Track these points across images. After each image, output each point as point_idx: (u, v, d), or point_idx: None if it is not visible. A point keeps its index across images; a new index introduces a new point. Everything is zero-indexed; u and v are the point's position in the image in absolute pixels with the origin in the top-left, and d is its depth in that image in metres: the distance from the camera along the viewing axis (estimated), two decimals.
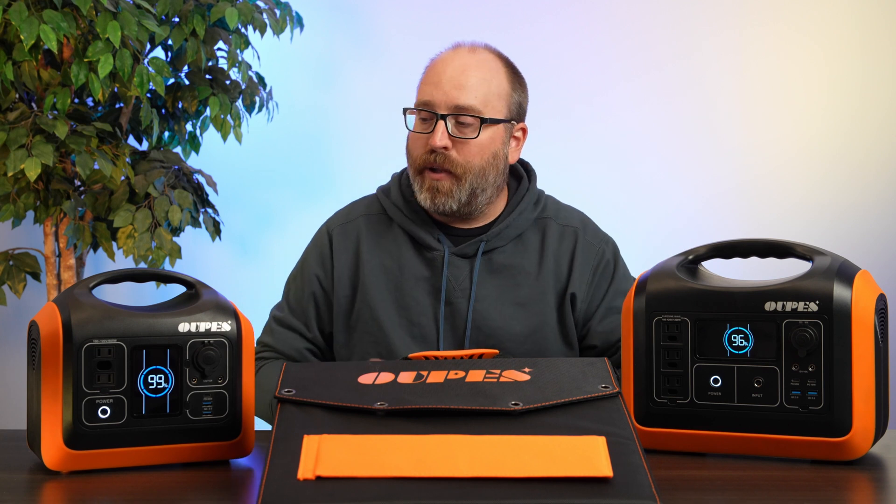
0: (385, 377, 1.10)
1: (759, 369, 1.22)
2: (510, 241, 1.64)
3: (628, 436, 1.01)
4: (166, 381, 1.20)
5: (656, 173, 3.04)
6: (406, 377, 1.10)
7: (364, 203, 1.74)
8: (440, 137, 1.57)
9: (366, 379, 1.10)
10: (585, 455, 0.96)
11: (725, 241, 1.37)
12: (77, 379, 1.16)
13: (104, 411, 1.18)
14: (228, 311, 1.25)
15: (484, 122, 1.58)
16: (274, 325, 1.70)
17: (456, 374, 1.10)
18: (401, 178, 1.71)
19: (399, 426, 1.03)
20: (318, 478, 0.94)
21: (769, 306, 1.22)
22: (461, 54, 1.62)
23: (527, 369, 1.11)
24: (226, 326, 1.23)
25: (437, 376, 1.10)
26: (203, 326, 1.22)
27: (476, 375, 1.10)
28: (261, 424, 1.30)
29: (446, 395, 1.06)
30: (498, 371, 1.10)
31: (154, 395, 1.20)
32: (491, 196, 1.63)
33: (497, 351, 1.23)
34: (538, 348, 1.62)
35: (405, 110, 1.62)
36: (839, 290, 1.20)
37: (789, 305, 1.21)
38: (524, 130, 1.69)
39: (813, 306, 1.20)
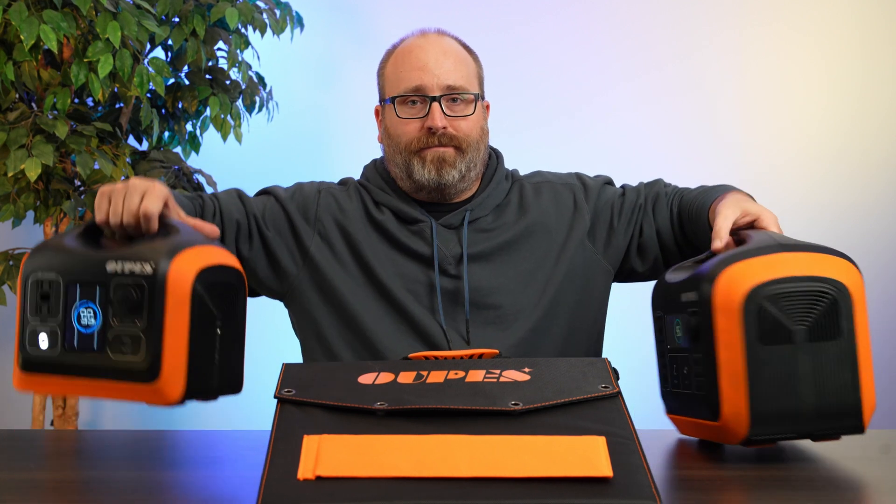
0: (385, 377, 1.10)
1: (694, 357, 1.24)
2: (491, 211, 1.70)
3: (628, 436, 1.01)
4: (95, 318, 1.22)
5: (656, 173, 3.03)
6: (406, 377, 1.10)
7: (351, 181, 1.76)
8: (439, 118, 1.62)
9: (365, 379, 1.10)
10: (585, 455, 0.96)
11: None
12: (24, 309, 1.24)
13: (43, 340, 1.23)
14: (162, 253, 1.20)
15: (476, 98, 1.65)
16: (232, 192, 1.70)
17: (456, 374, 1.10)
18: (375, 165, 1.75)
19: (399, 426, 1.03)
20: (318, 478, 0.94)
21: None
22: (433, 39, 1.69)
23: (526, 369, 1.11)
24: (148, 269, 1.20)
25: (436, 376, 1.10)
26: (129, 267, 1.21)
27: (476, 375, 1.10)
28: (261, 424, 1.29)
29: (446, 395, 1.06)
30: (498, 371, 1.10)
31: (84, 331, 1.22)
32: (479, 171, 1.70)
33: (497, 351, 1.23)
34: (536, 298, 1.64)
35: (394, 98, 1.65)
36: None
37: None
38: (488, 106, 1.76)
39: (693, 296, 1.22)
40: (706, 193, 1.58)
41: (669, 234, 1.67)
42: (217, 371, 1.21)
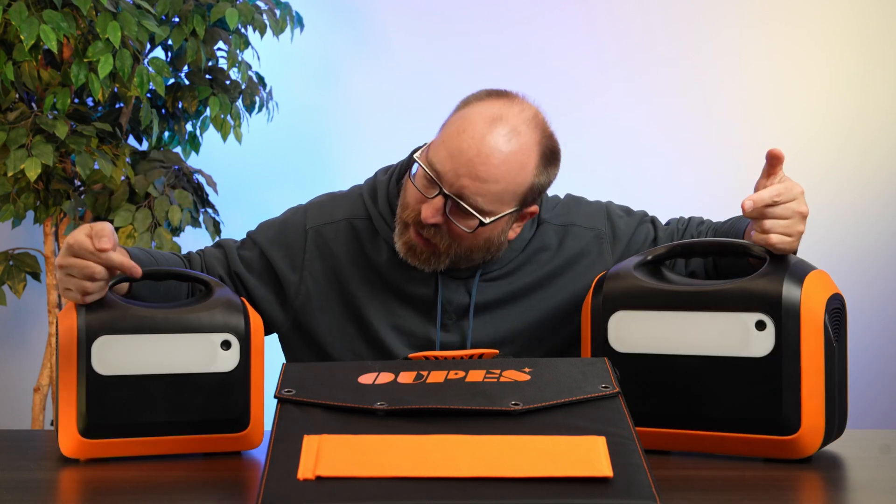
0: (385, 377, 1.10)
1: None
2: (506, 264, 1.55)
3: (628, 436, 1.01)
4: None
5: (656, 173, 3.04)
6: (406, 377, 1.10)
7: (349, 203, 1.60)
8: (432, 214, 1.42)
9: (366, 379, 1.10)
10: (585, 455, 0.96)
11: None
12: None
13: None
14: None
15: (482, 224, 1.42)
16: (219, 246, 1.60)
17: (456, 374, 1.10)
18: (389, 184, 1.57)
19: (399, 426, 1.03)
20: (318, 478, 0.94)
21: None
22: (495, 135, 1.41)
23: (527, 369, 1.11)
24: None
25: (437, 376, 1.10)
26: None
27: (476, 375, 1.10)
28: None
29: (446, 395, 1.06)
30: (498, 371, 1.10)
31: None
32: (483, 259, 1.51)
33: (497, 351, 1.23)
34: (542, 349, 1.55)
35: (415, 160, 1.46)
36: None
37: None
38: (533, 212, 1.52)
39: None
40: (740, 220, 1.50)
41: (702, 275, 1.54)
42: None
